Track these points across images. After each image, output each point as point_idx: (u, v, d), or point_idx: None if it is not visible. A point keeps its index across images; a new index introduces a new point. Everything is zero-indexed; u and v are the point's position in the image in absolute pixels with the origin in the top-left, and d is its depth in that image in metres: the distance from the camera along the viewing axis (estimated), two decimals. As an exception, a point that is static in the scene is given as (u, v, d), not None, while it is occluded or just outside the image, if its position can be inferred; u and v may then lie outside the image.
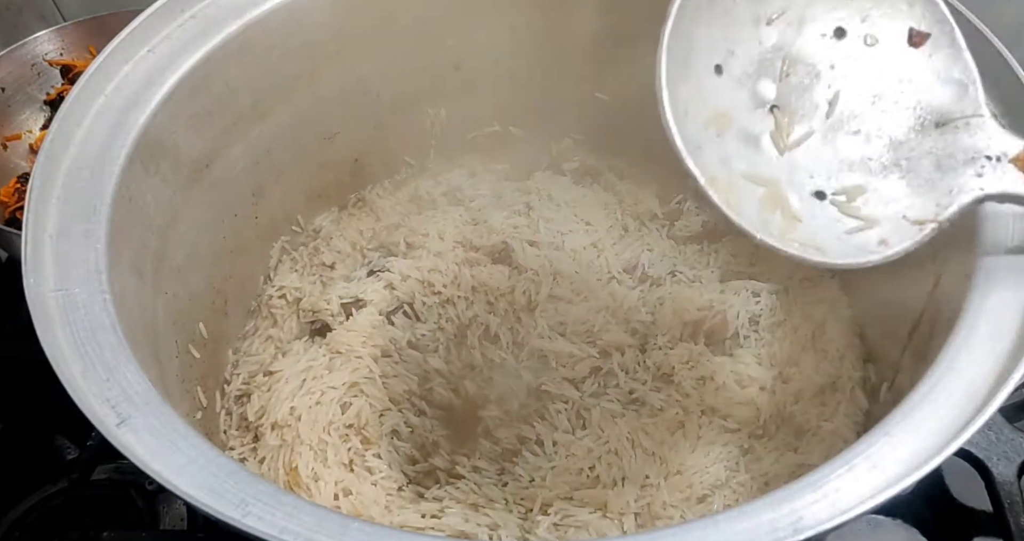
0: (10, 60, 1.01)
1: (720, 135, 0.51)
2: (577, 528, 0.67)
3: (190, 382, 0.72)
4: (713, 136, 0.51)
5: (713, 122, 0.51)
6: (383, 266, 0.87)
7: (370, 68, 0.84)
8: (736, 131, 0.52)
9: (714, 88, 0.52)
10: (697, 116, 0.50)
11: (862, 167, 0.53)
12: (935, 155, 0.52)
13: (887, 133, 0.53)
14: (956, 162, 0.51)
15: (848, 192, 0.52)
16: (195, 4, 0.69)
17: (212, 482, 0.45)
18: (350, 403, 0.75)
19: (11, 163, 1.00)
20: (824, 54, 0.54)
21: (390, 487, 0.71)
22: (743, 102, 0.53)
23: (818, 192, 0.52)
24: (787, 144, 0.52)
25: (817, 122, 0.54)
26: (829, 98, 0.54)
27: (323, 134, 0.87)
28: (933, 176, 0.52)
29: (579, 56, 0.89)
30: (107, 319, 0.52)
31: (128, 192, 0.61)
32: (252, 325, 0.86)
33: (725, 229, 0.92)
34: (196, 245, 0.74)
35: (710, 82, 0.52)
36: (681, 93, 0.49)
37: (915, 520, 0.75)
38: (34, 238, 0.55)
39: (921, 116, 0.53)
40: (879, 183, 0.52)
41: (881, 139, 0.53)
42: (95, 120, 0.62)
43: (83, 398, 0.48)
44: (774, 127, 0.53)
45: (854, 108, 0.54)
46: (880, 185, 0.52)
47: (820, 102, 0.54)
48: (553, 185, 0.93)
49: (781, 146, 0.52)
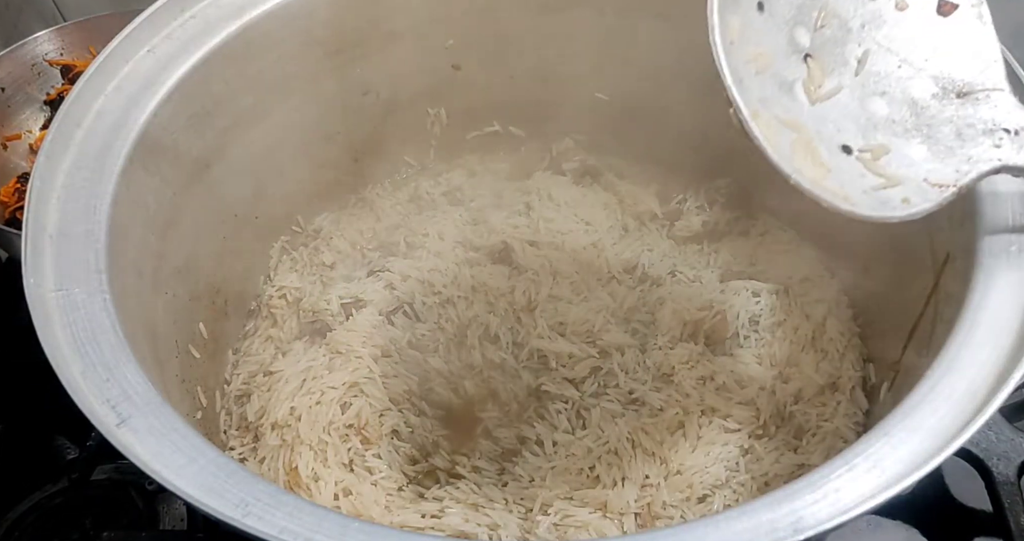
0: (10, 60, 1.01)
1: (759, 74, 0.52)
2: (577, 528, 0.67)
3: (190, 382, 0.72)
4: (752, 74, 0.52)
5: (753, 60, 0.52)
6: (383, 266, 0.87)
7: (370, 68, 0.84)
8: (773, 73, 0.53)
9: (756, 25, 0.53)
10: (741, 50, 0.51)
11: (887, 128, 0.54)
12: (955, 124, 0.54)
13: (911, 97, 0.55)
14: (975, 132, 0.53)
15: (873, 150, 0.53)
16: (195, 4, 0.69)
17: (212, 482, 0.45)
18: (350, 403, 0.75)
19: (11, 163, 1.00)
20: (856, 11, 0.55)
21: (390, 487, 0.71)
22: (780, 46, 0.54)
23: (845, 146, 0.53)
24: (818, 95, 0.53)
25: (847, 78, 0.55)
26: (859, 56, 0.55)
27: (323, 134, 0.87)
28: (953, 143, 0.53)
29: (579, 56, 0.89)
30: (107, 319, 0.52)
31: (128, 192, 0.61)
32: (252, 325, 0.86)
33: (725, 229, 0.92)
34: (196, 245, 0.74)
35: (754, 18, 0.53)
36: (730, 23, 0.50)
37: (915, 520, 0.75)
38: (34, 238, 0.55)
39: (944, 85, 0.55)
40: (902, 145, 0.54)
41: (905, 103, 0.55)
42: (95, 120, 0.62)
43: (83, 398, 0.48)
44: (807, 75, 0.54)
45: (881, 69, 0.55)
46: (903, 147, 0.53)
47: (850, 59, 0.55)
48: (553, 185, 0.93)
49: (812, 96, 0.53)
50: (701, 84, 0.87)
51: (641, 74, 0.89)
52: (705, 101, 0.88)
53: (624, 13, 0.85)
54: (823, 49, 0.55)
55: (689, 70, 0.87)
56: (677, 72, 0.88)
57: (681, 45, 0.85)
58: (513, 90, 0.93)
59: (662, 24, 0.84)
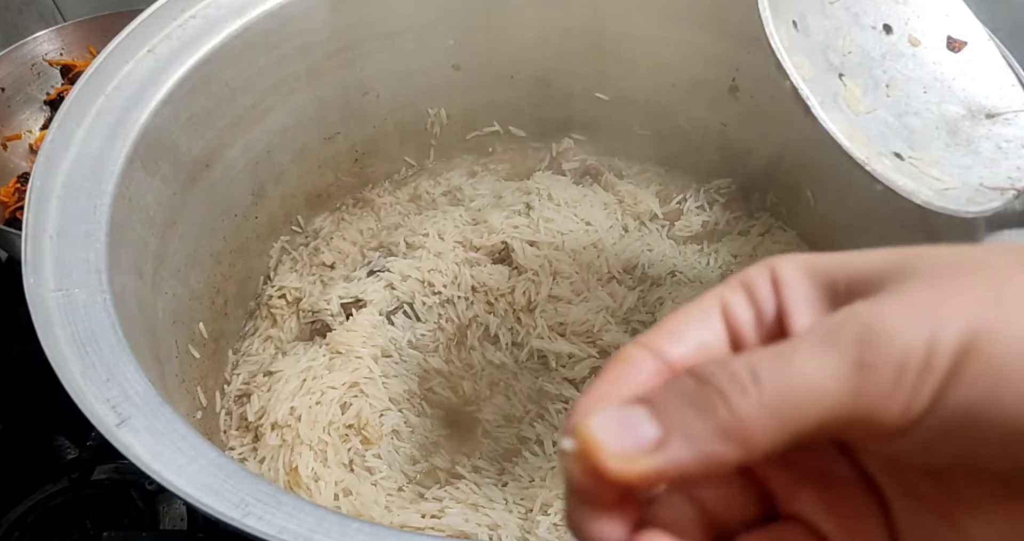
0: (10, 60, 1.00)
1: (807, 82, 0.53)
2: (577, 528, 0.67)
3: (190, 382, 0.72)
4: (802, 80, 0.53)
5: (799, 68, 0.53)
6: (383, 266, 0.87)
7: (370, 68, 0.84)
8: (817, 83, 0.54)
9: (796, 40, 0.54)
10: (791, 57, 0.52)
11: (929, 142, 0.55)
12: (993, 140, 0.55)
13: (944, 118, 0.56)
14: (1015, 146, 0.54)
15: (923, 158, 0.54)
16: (195, 4, 0.69)
17: (212, 482, 0.45)
18: (350, 403, 0.75)
19: (11, 163, 0.99)
20: (875, 44, 0.57)
21: (390, 487, 0.71)
22: (818, 60, 0.55)
23: (896, 154, 0.54)
24: (857, 110, 0.55)
25: (880, 98, 0.56)
26: (886, 82, 0.57)
27: (323, 134, 0.87)
28: (996, 155, 0.55)
29: (579, 56, 0.89)
30: (107, 319, 0.52)
31: (128, 192, 0.61)
32: (252, 325, 0.86)
33: (725, 229, 0.92)
34: (196, 245, 0.74)
35: (793, 33, 0.55)
36: (779, 31, 0.52)
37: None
38: (34, 238, 0.55)
39: (971, 108, 0.56)
40: (948, 155, 0.55)
41: (940, 122, 0.56)
42: (95, 120, 0.62)
43: (83, 398, 0.48)
44: (845, 91, 0.54)
45: (908, 94, 0.57)
46: (950, 157, 0.55)
47: (880, 83, 0.57)
48: (553, 185, 0.93)
49: (854, 109, 0.54)
50: (701, 84, 0.88)
51: (642, 74, 0.89)
52: (705, 101, 0.89)
53: (625, 14, 0.85)
54: (854, 71, 0.56)
55: (689, 70, 0.87)
56: (677, 72, 0.88)
57: (681, 45, 0.86)
58: (513, 90, 0.93)
59: (662, 24, 0.84)
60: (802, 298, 0.22)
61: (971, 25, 0.57)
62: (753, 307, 0.23)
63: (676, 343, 0.22)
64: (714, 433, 0.19)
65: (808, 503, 0.22)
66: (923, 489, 0.21)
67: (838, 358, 0.19)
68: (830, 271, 0.22)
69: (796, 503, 0.23)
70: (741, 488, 0.23)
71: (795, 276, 0.22)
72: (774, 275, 0.23)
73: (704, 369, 0.20)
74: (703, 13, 0.82)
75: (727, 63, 0.84)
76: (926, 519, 0.21)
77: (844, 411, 0.19)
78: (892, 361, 0.19)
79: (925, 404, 0.19)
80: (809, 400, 0.19)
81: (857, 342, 0.19)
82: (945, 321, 0.19)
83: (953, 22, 0.57)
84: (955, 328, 0.19)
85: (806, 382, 0.19)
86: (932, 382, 0.19)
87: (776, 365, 0.20)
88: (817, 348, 0.20)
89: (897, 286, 0.20)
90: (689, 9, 0.82)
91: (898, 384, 0.19)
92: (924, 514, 0.21)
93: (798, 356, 0.20)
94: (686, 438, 0.20)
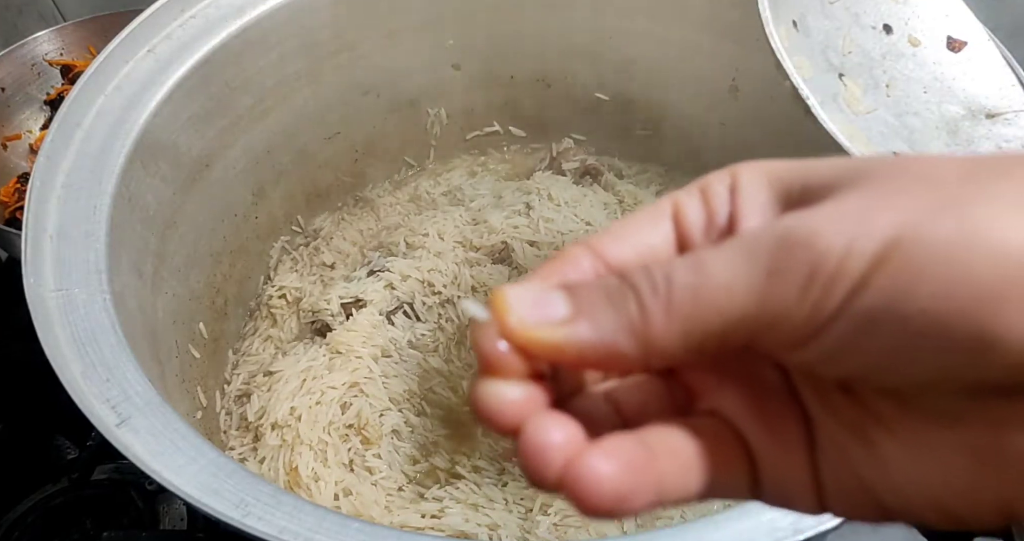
0: (10, 60, 1.00)
1: (806, 82, 0.53)
2: (577, 528, 0.67)
3: (190, 382, 0.72)
4: (802, 80, 0.52)
5: (799, 68, 0.53)
6: (383, 266, 0.87)
7: (370, 68, 0.85)
8: (817, 83, 0.54)
9: (796, 40, 0.54)
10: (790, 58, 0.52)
11: (930, 142, 0.56)
12: (993, 140, 0.55)
13: (944, 118, 0.56)
14: (1015, 146, 0.55)
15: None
16: (195, 4, 0.69)
17: (212, 482, 0.45)
18: (350, 403, 0.75)
19: (11, 163, 0.99)
20: (876, 44, 0.57)
21: (390, 487, 0.71)
22: (817, 60, 0.55)
23: (896, 154, 0.54)
24: (857, 110, 0.54)
25: (881, 98, 0.56)
26: (886, 82, 0.57)
27: (323, 134, 0.87)
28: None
29: (579, 56, 0.89)
30: (107, 319, 0.52)
31: (128, 192, 0.61)
32: (252, 325, 0.86)
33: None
34: (196, 245, 0.74)
35: (792, 33, 0.55)
36: (779, 32, 0.52)
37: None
38: (34, 238, 0.55)
39: (971, 108, 0.56)
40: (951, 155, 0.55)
41: (941, 122, 0.56)
42: (95, 120, 0.62)
43: (83, 398, 0.48)
44: (845, 91, 0.54)
45: (908, 94, 0.57)
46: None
47: (880, 83, 0.57)
48: (553, 185, 0.93)
49: (854, 109, 0.54)
50: (701, 84, 0.88)
51: (642, 74, 0.89)
52: (705, 101, 0.89)
53: (624, 13, 0.85)
54: (854, 71, 0.56)
55: (689, 70, 0.87)
56: (677, 72, 0.88)
57: (681, 45, 0.86)
58: (513, 90, 0.93)
59: (662, 24, 0.84)
60: (756, 204, 0.22)
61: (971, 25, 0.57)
62: (706, 211, 0.22)
63: (619, 244, 0.22)
64: (619, 326, 0.20)
65: (731, 402, 0.22)
66: (841, 406, 0.21)
67: (751, 264, 0.19)
68: (789, 178, 0.22)
69: (719, 401, 0.22)
70: (661, 392, 0.23)
71: (753, 182, 0.22)
72: (733, 180, 0.22)
73: (628, 269, 0.21)
74: (703, 13, 0.82)
75: (727, 63, 0.84)
76: (844, 437, 0.21)
77: (749, 318, 0.19)
78: (803, 268, 0.18)
79: (831, 311, 0.18)
80: (714, 305, 0.19)
81: (774, 249, 0.19)
82: (869, 227, 0.18)
83: (953, 22, 0.57)
84: (877, 234, 0.18)
85: (714, 287, 0.19)
86: (842, 288, 0.18)
87: (691, 269, 0.19)
88: (734, 254, 0.19)
89: (839, 192, 0.19)
90: (689, 9, 0.82)
91: (806, 291, 0.18)
92: (842, 432, 0.21)
93: (714, 262, 0.19)
94: (592, 323, 0.20)
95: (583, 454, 0.20)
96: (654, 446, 0.21)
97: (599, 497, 0.19)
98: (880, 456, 0.20)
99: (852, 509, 0.21)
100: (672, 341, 0.19)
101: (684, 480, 0.21)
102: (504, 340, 0.20)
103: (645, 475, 0.20)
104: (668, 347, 0.20)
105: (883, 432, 0.20)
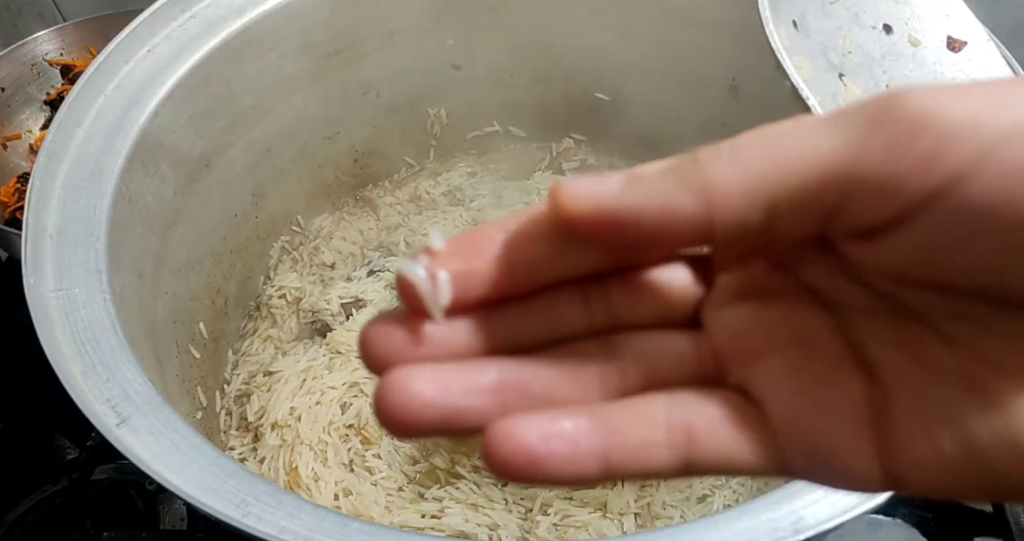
0: (10, 60, 1.00)
1: (807, 82, 0.53)
2: (577, 528, 0.67)
3: (190, 382, 0.72)
4: (801, 80, 0.52)
5: (799, 68, 0.53)
6: (383, 266, 0.87)
7: (370, 68, 0.84)
8: (814, 83, 0.54)
9: (796, 40, 0.54)
10: (791, 58, 0.52)
11: None
12: None
13: None
14: None
15: None
16: (195, 4, 0.69)
17: (212, 482, 0.45)
18: (350, 403, 0.75)
19: (11, 163, 0.99)
20: (876, 43, 0.57)
21: (390, 487, 0.71)
22: (818, 60, 0.55)
23: None
24: None
25: None
26: (887, 82, 0.57)
27: (323, 134, 0.87)
28: None
29: (579, 56, 0.89)
30: (107, 319, 0.52)
31: (128, 192, 0.61)
32: (252, 325, 0.86)
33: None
34: (196, 245, 0.74)
35: (792, 33, 0.55)
36: (779, 32, 0.52)
37: (915, 520, 0.75)
38: (34, 238, 0.55)
39: None
40: None
41: None
42: (95, 120, 0.62)
43: (83, 398, 0.48)
44: (846, 92, 0.54)
45: None
46: None
47: (880, 83, 0.57)
48: (553, 185, 0.93)
49: None
50: (701, 84, 0.88)
51: (642, 74, 0.89)
52: (705, 101, 0.89)
53: (624, 13, 0.85)
54: (854, 71, 0.56)
55: (689, 70, 0.87)
56: (677, 72, 0.88)
57: (681, 45, 0.86)
58: (513, 90, 0.93)
59: (662, 24, 0.84)
60: None
61: (971, 25, 0.57)
62: None
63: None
64: (677, 184, 0.18)
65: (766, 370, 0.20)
66: (929, 348, 0.18)
67: (844, 118, 0.16)
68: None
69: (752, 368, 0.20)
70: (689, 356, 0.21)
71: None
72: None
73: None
74: (703, 13, 0.82)
75: (727, 63, 0.84)
76: (936, 391, 0.17)
77: (836, 173, 0.16)
78: (913, 120, 0.15)
79: (944, 176, 0.15)
80: (794, 158, 0.16)
81: (875, 108, 0.16)
82: (998, 105, 0.15)
83: (953, 22, 0.57)
84: (1009, 113, 0.15)
85: (794, 141, 0.17)
86: (957, 156, 0.15)
87: (762, 132, 0.17)
88: (822, 119, 0.17)
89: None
90: (689, 9, 0.82)
91: (913, 141, 0.15)
92: (934, 384, 0.18)
93: (795, 127, 0.17)
94: (648, 187, 0.18)
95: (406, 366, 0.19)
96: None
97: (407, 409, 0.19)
98: (999, 405, 0.16)
99: (952, 482, 0.17)
100: (735, 198, 0.17)
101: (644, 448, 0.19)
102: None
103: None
104: (731, 205, 0.17)
105: (997, 374, 0.16)
